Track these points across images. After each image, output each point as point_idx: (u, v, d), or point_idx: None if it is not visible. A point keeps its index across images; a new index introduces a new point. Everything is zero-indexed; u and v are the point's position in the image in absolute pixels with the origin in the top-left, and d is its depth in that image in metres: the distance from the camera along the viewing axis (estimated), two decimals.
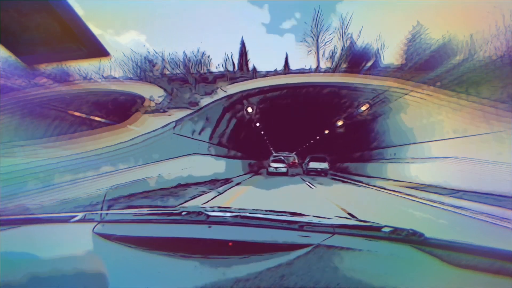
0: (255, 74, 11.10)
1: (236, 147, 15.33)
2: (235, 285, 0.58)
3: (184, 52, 10.32)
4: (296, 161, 33.44)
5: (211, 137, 10.73)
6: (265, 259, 0.68)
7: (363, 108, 12.31)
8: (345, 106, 13.21)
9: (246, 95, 11.06)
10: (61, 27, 0.54)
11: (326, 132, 19.08)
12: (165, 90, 9.08)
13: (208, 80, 10.29)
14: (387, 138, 12.75)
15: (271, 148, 32.68)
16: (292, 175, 14.70)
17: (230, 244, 0.77)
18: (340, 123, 15.63)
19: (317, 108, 14.11)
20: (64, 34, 0.55)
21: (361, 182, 10.79)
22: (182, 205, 3.80)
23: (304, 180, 11.23)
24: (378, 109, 11.80)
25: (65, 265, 0.66)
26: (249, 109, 12.97)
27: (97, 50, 0.60)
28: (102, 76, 8.60)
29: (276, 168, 14.22)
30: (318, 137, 21.89)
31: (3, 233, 0.83)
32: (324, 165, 14.80)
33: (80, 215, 0.98)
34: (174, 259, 0.69)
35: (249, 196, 6.41)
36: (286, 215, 1.02)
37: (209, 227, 0.87)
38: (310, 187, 8.75)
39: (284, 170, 14.25)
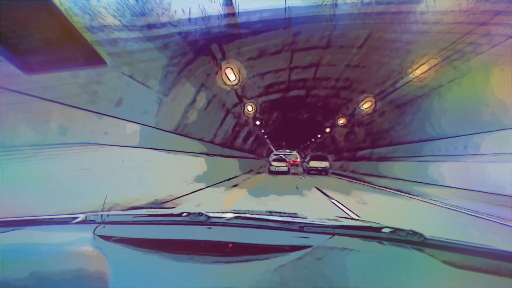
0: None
1: (209, 137, 10.28)
2: (235, 287, 0.58)
3: None
4: (298, 159, 30.03)
5: (159, 117, 5.78)
6: (265, 260, 0.67)
7: (419, 71, 7.53)
8: (382, 70, 8.34)
9: (222, 39, 6.02)
10: (59, 37, 0.57)
11: (344, 120, 14.32)
12: None
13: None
14: (453, 123, 7.93)
15: (270, 144, 26.55)
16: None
17: (230, 245, 0.76)
18: (367, 104, 10.88)
19: (334, 74, 9.07)
20: (61, 43, 0.58)
21: (432, 199, 5.90)
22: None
23: (330, 198, 5.85)
24: (440, 74, 7.10)
25: (66, 266, 0.64)
26: (231, 76, 8.03)
27: (94, 60, 0.63)
28: None
29: (277, 167, 14.59)
30: (335, 125, 16.26)
31: (4, 233, 0.82)
32: (325, 164, 14.74)
33: (81, 217, 0.97)
34: (174, 260, 0.69)
35: None
36: (286, 216, 1.03)
37: (209, 228, 0.87)
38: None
39: (285, 169, 14.66)
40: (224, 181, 8.68)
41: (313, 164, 15.00)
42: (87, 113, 3.82)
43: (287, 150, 31.62)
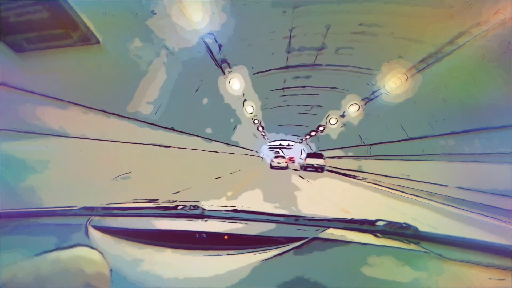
0: None
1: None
2: (231, 277, 0.58)
3: None
4: (295, 156, 29.19)
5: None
6: (261, 251, 0.67)
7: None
8: None
9: None
10: (50, 15, 0.56)
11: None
12: None
13: None
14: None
15: (261, 131, 17.79)
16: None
17: (226, 237, 0.77)
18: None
19: None
20: (53, 21, 0.57)
21: None
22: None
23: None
24: None
25: (61, 258, 0.60)
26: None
27: (86, 37, 0.52)
28: None
29: (278, 163, 16.03)
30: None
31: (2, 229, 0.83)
32: (321, 161, 15.17)
33: (76, 208, 0.98)
34: (169, 252, 0.69)
35: None
36: (281, 209, 1.61)
37: (205, 221, 0.87)
38: None
39: (284, 165, 16.08)
40: None
41: (309, 161, 15.45)
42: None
43: (284, 144, 28.98)
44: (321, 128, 15.97)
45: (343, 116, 11.62)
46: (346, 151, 14.09)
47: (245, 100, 9.80)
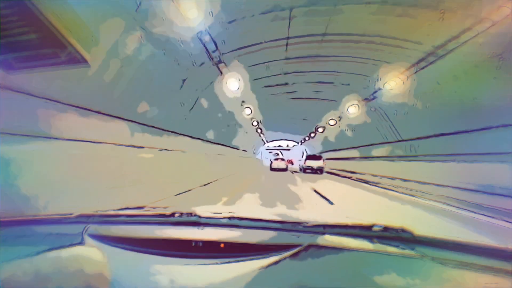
0: None
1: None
2: (227, 286, 0.58)
3: None
4: (293, 158, 29.07)
5: None
6: (256, 259, 0.68)
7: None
8: None
9: None
10: (40, 37, 0.55)
11: None
12: None
13: None
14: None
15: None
16: None
17: (222, 245, 0.76)
18: None
19: None
20: (42, 43, 0.57)
21: None
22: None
23: None
24: None
25: (61, 257, 0.63)
26: None
27: (76, 59, 0.62)
28: None
29: (278, 165, 17.11)
30: None
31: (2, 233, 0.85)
32: (320, 163, 15.63)
33: (73, 216, 0.98)
34: (165, 260, 0.69)
35: None
36: (277, 216, 1.01)
37: (202, 228, 0.87)
38: None
39: (284, 166, 17.19)
40: None
41: (309, 163, 15.94)
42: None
43: (283, 144, 29.24)
44: (331, 122, 12.63)
45: (372, 98, 8.30)
46: (368, 151, 11.31)
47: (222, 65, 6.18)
